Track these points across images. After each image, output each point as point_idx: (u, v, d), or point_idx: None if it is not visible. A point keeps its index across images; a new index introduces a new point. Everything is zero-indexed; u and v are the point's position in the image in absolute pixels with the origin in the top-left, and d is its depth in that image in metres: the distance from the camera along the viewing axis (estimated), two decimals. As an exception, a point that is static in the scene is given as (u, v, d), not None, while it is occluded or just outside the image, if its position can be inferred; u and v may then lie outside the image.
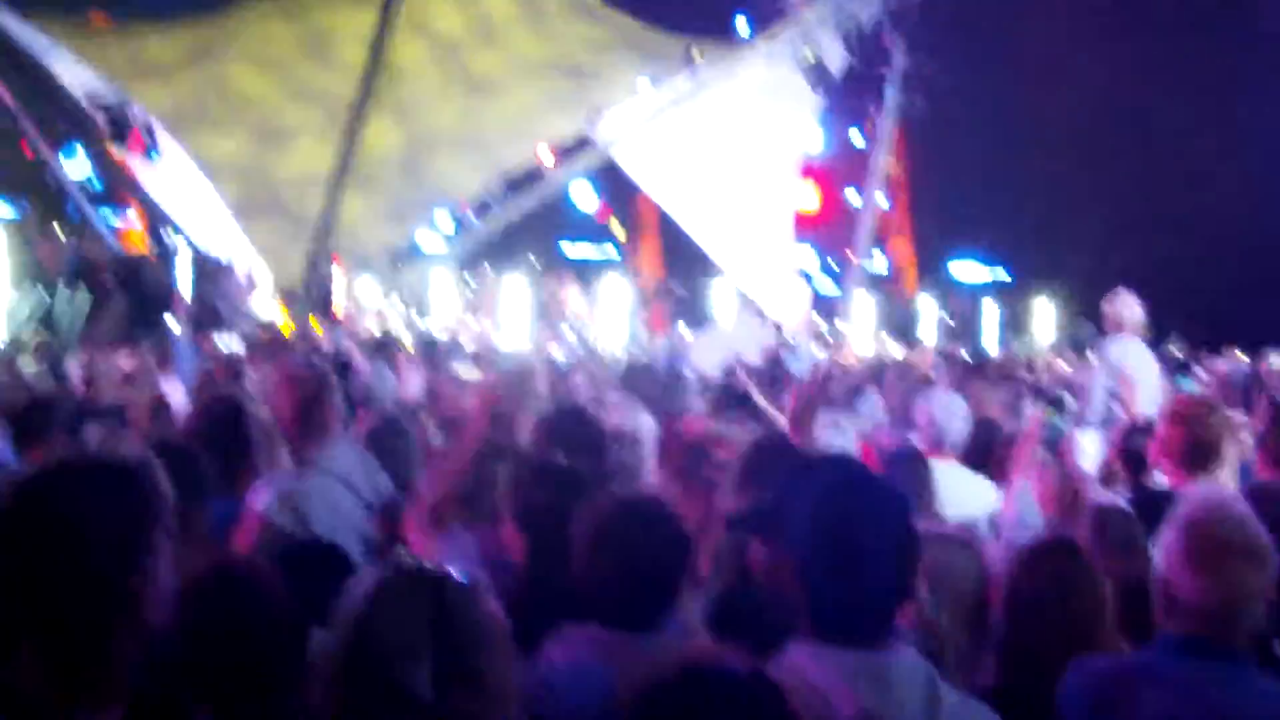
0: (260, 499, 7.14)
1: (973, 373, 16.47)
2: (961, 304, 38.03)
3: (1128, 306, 13.88)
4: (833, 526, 4.15)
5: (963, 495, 8.91)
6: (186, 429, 7.71)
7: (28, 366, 16.45)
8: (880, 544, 4.16)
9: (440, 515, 7.03)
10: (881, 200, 35.85)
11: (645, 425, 8.86)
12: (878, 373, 17.62)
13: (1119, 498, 8.17)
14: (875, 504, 4.24)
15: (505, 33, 33.22)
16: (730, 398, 11.48)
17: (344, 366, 13.93)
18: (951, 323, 36.55)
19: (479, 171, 30.46)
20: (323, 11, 33.35)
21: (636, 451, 8.58)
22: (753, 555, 5.26)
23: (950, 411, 9.75)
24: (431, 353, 16.63)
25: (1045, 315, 35.67)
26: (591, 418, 8.19)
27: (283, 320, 27.33)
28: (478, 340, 22.54)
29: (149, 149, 29.32)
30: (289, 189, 29.88)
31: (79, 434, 10.69)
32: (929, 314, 34.33)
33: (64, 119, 30.61)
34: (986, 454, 9.82)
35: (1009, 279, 49.11)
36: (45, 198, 36.38)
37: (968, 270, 49.76)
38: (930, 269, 44.62)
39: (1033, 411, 11.57)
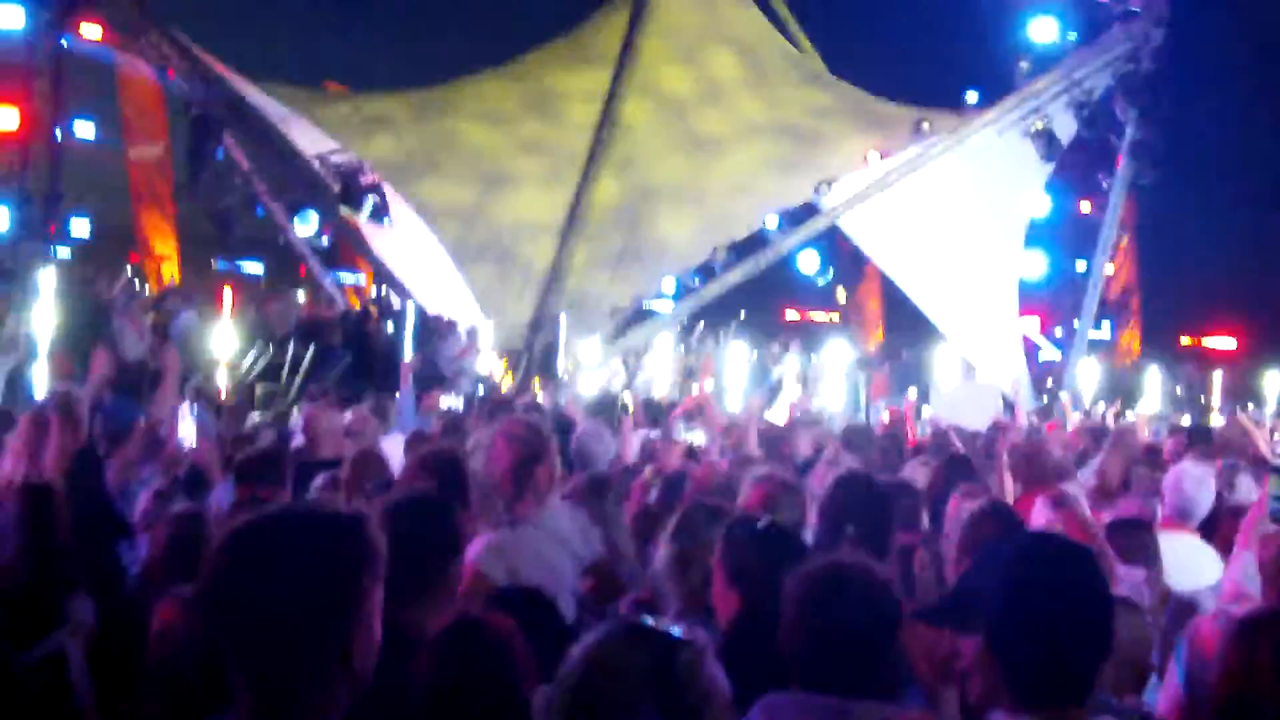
0: (473, 550, 7.19)
1: (1196, 442, 16.13)
2: (1189, 373, 37.38)
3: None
4: (1028, 596, 4.16)
5: (1198, 568, 8.79)
6: (404, 481, 7.81)
7: (256, 417, 16.80)
8: (1079, 612, 4.15)
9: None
10: (1109, 268, 35.43)
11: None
12: (1099, 440, 17.36)
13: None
14: (1073, 571, 4.23)
15: (732, 95, 33.48)
16: (954, 465, 11.33)
17: (566, 426, 14.03)
18: (1180, 392, 35.95)
19: (700, 228, 30.65)
20: (550, 73, 33.90)
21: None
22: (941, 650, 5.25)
23: (1200, 484, 9.57)
24: (654, 413, 16.68)
25: (1276, 386, 34.93)
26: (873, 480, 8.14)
27: (504, 378, 27.62)
28: (698, 403, 22.56)
29: (380, 212, 29.84)
30: (508, 233, 30.37)
31: (302, 486, 10.95)
32: (1154, 383, 33.76)
33: (298, 182, 31.25)
34: (1213, 526, 9.65)
35: (1238, 348, 48.35)
36: (278, 257, 37.26)
37: (1196, 340, 49.06)
38: (1157, 338, 44.04)
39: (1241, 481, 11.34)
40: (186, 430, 11.37)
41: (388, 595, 3.50)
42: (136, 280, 31.24)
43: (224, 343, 25.05)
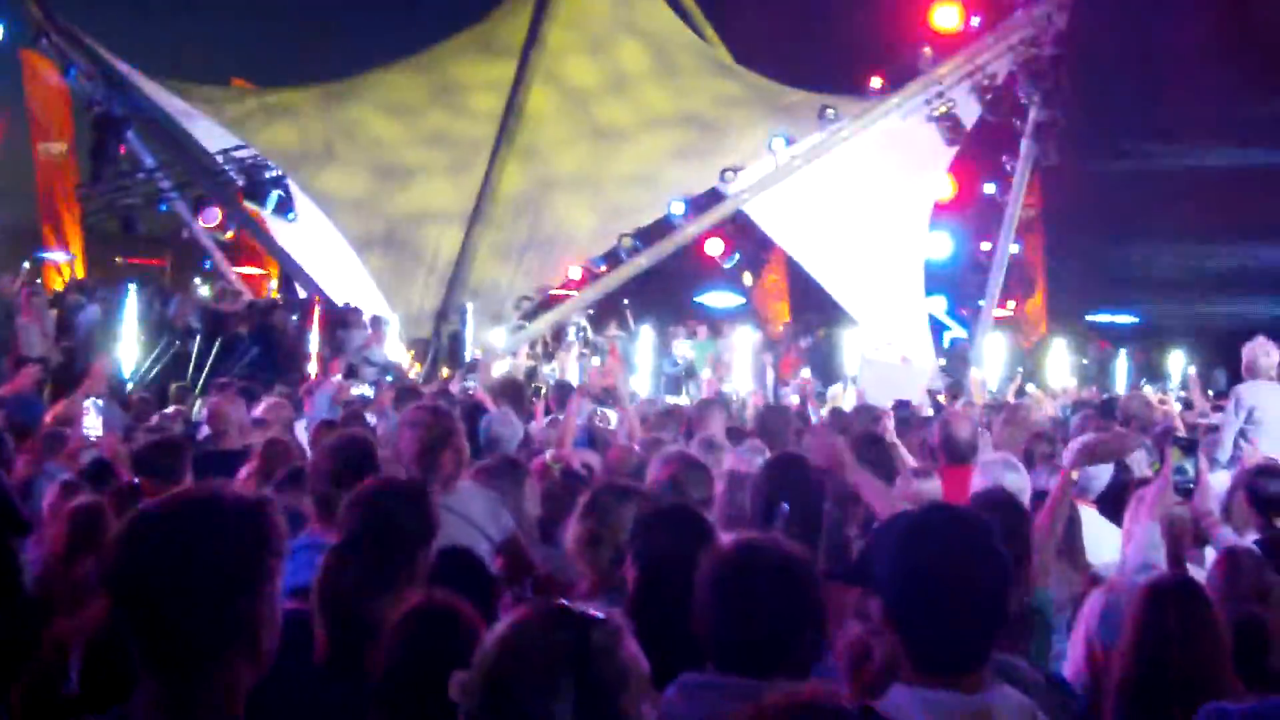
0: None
1: (1104, 417, 16.24)
2: (1094, 350, 37.72)
3: (1265, 351, 13.77)
4: (919, 568, 4.18)
5: (1101, 542, 8.85)
6: (314, 468, 7.79)
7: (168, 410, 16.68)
8: (970, 581, 4.18)
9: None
10: (1013, 247, 35.68)
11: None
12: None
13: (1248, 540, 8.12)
14: (962, 542, 4.26)
15: (637, 86, 33.52)
16: (868, 440, 11.38)
17: (474, 411, 14.03)
18: (1085, 367, 36.28)
19: (602, 217, 30.70)
20: (457, 65, 33.86)
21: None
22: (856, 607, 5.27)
23: (1097, 460, 9.64)
24: (564, 395, 16.66)
25: (1178, 362, 35.30)
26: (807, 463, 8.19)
27: (411, 368, 27.59)
28: (605, 384, 22.56)
29: (285, 206, 29.79)
30: (406, 223, 30.35)
31: (208, 477, 10.87)
32: (1061, 360, 34.05)
33: (201, 177, 31.17)
34: (1119, 499, 9.71)
35: (1141, 324, 48.85)
36: (181, 252, 37.11)
37: (1101, 316, 49.47)
38: (1063, 315, 44.37)
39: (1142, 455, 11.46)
40: (92, 424, 11.27)
41: (360, 581, 3.51)
42: (39, 277, 31.05)
43: (128, 337, 24.96)
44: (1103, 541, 8.90)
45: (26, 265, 32.13)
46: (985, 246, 34.91)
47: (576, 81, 33.70)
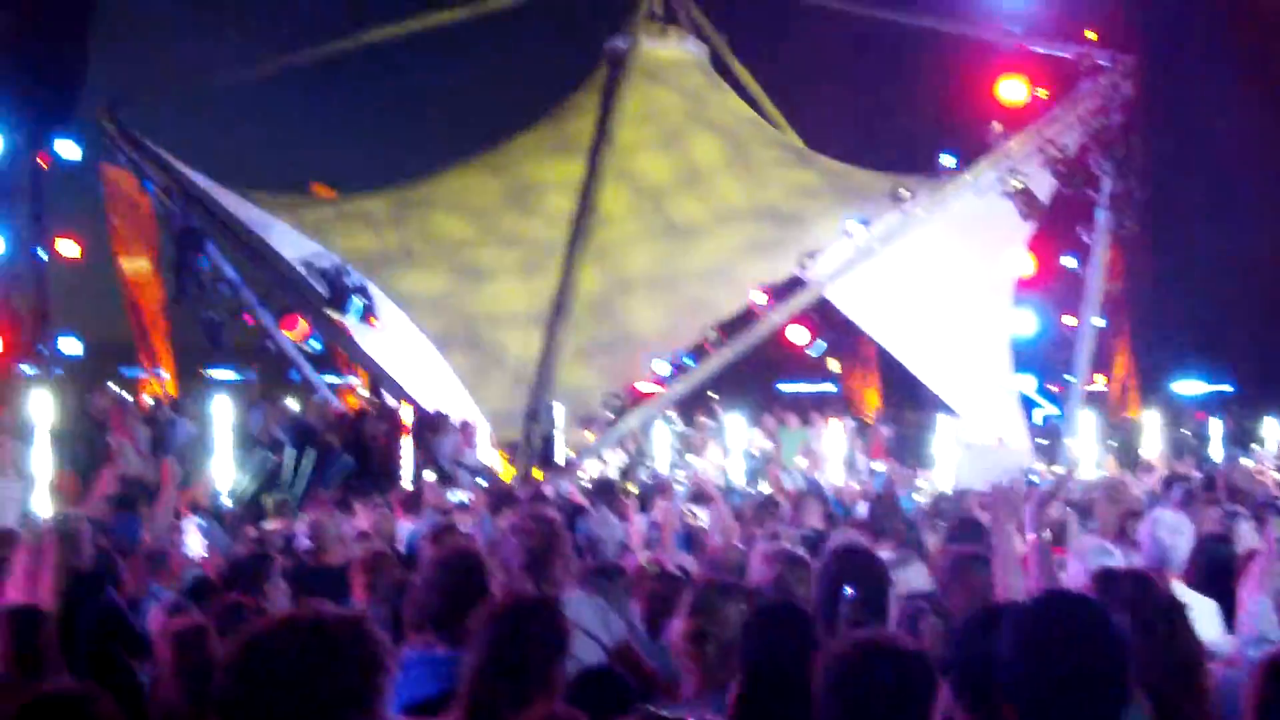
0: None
1: (1202, 490, 16.12)
2: (1185, 420, 37.37)
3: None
4: (1037, 653, 4.18)
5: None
6: (424, 582, 7.80)
7: (267, 525, 16.78)
8: (1094, 668, 4.16)
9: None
10: (1098, 321, 35.45)
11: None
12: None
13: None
14: (1084, 627, 4.25)
15: (710, 179, 33.62)
16: (962, 527, 11.30)
17: (574, 513, 14.04)
18: (1179, 438, 35.91)
19: (675, 314, 30.83)
20: (529, 164, 34.09)
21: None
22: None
23: (1176, 531, 9.54)
24: (648, 495, 16.70)
25: (1273, 430, 34.89)
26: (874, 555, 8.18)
27: (504, 470, 27.63)
28: (698, 481, 22.51)
29: (368, 313, 29.95)
30: (482, 322, 30.57)
31: (309, 594, 10.94)
32: (1152, 432, 33.73)
33: (283, 288, 31.39)
34: (1216, 572, 9.61)
35: (1234, 391, 48.38)
36: (268, 363, 37.28)
37: (1191, 386, 49.11)
38: (1152, 387, 44.09)
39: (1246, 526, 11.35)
40: (193, 543, 11.35)
41: (498, 697, 3.55)
42: (130, 394, 31.28)
43: (220, 452, 25.07)
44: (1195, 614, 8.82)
45: (112, 384, 32.36)
46: (1070, 321, 34.77)
47: (650, 178, 33.84)
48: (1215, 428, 34.71)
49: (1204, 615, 8.81)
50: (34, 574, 9.06)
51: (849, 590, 6.96)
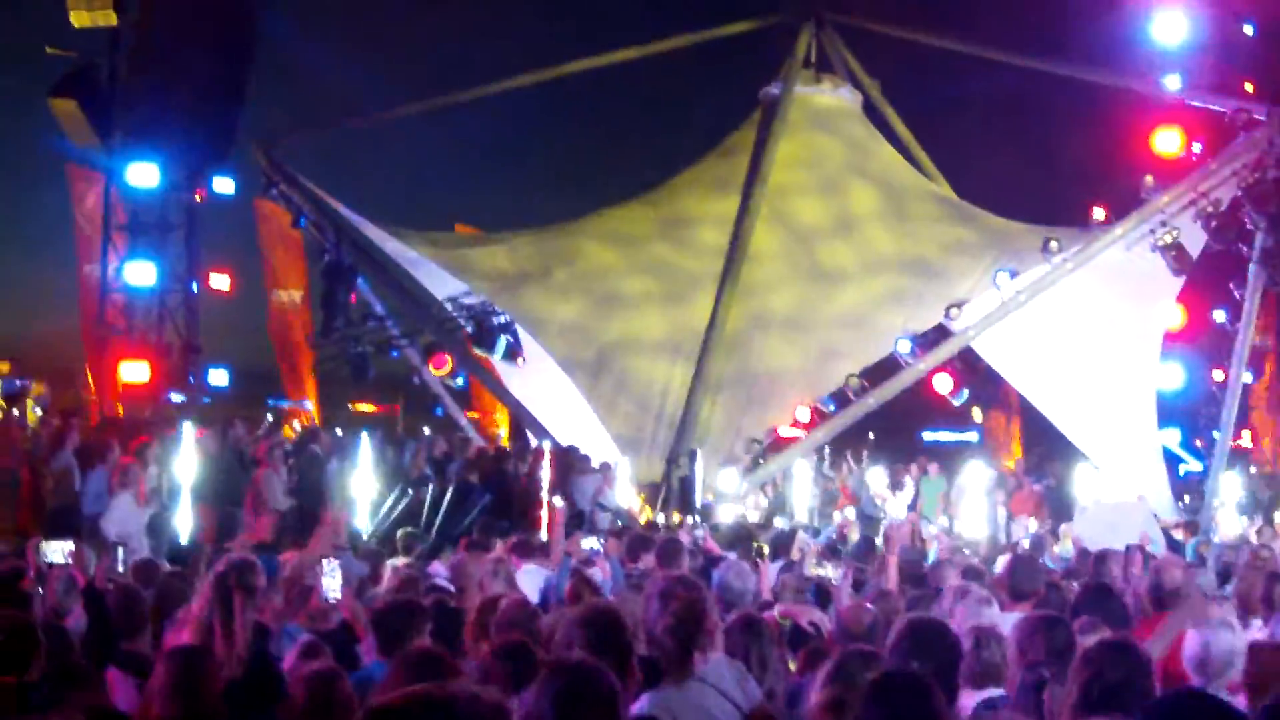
0: (639, 706, 7.20)
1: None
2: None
3: None
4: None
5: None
6: (566, 640, 7.81)
7: (397, 560, 16.88)
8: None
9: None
10: (1247, 376, 35.02)
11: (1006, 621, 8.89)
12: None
13: None
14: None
15: (863, 228, 33.58)
16: (1090, 593, 11.18)
17: (709, 562, 14.03)
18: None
19: (810, 358, 30.86)
20: (686, 199, 34.23)
21: (999, 650, 8.53)
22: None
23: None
24: (780, 546, 16.64)
25: None
26: (943, 626, 8.13)
27: (643, 512, 27.66)
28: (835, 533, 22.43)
29: (513, 352, 30.15)
30: (614, 349, 30.70)
31: (449, 636, 11.01)
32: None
33: (430, 325, 31.70)
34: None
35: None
36: (413, 397, 37.65)
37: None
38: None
39: None
40: (330, 584, 11.44)
41: None
42: (277, 426, 31.66)
43: (363, 486, 25.27)
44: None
45: (268, 416, 32.77)
46: (1218, 376, 34.39)
47: (804, 221, 33.90)
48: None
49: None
50: (214, 621, 9.18)
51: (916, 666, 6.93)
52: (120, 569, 12.65)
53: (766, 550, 16.24)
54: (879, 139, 37.24)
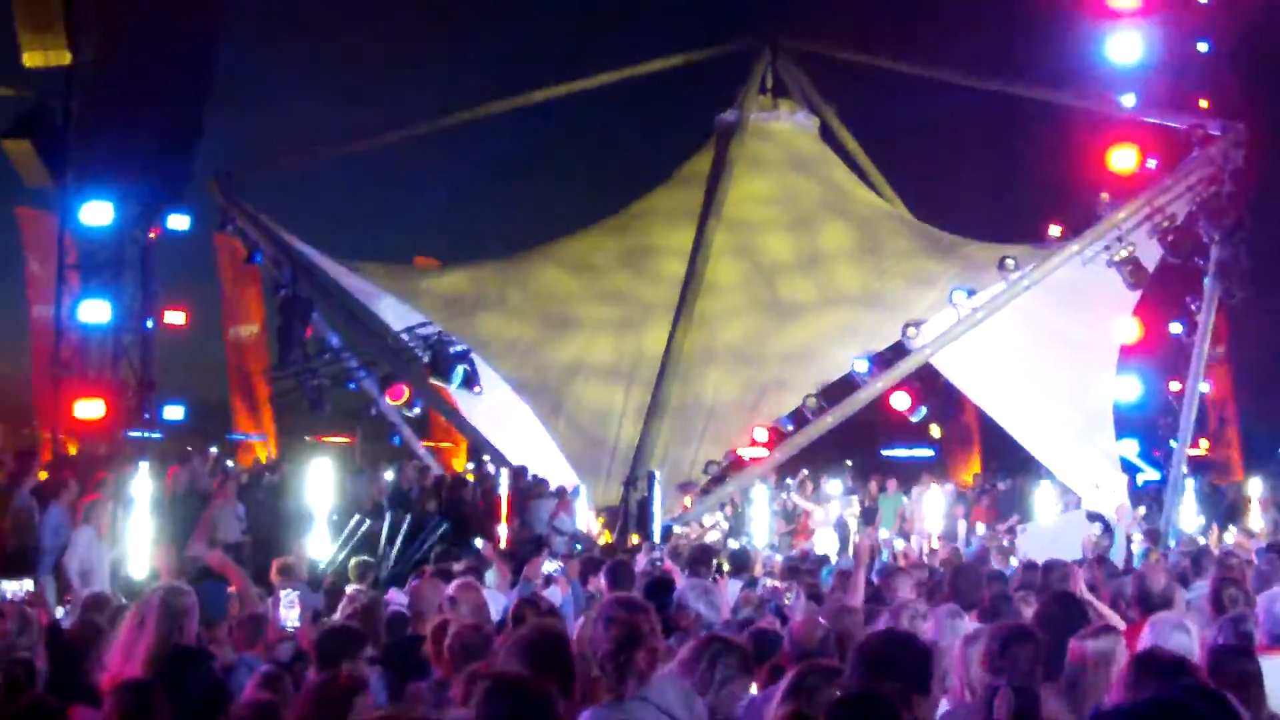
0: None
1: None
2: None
3: None
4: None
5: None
6: (508, 661, 7.81)
7: (352, 589, 16.84)
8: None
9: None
10: (1204, 386, 35.20)
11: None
12: (1198, 564, 17.25)
13: None
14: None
15: (830, 264, 33.61)
16: (1059, 602, 11.18)
17: (666, 584, 14.00)
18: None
19: (749, 389, 30.98)
20: (652, 230, 34.28)
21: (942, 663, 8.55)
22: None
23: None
24: (739, 566, 16.66)
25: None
26: (910, 638, 8.12)
27: (601, 535, 27.68)
28: (797, 554, 22.46)
29: (470, 380, 30.15)
30: (559, 372, 30.85)
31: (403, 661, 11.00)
32: (1257, 497, 33.34)
33: (386, 356, 31.73)
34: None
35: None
36: (370, 428, 37.63)
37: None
38: (1258, 453, 43.58)
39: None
40: (288, 614, 11.43)
41: None
42: (231, 459, 31.62)
43: (319, 518, 25.23)
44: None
45: (214, 449, 32.71)
46: (1175, 387, 34.53)
47: (770, 256, 34.01)
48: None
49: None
50: (132, 644, 9.19)
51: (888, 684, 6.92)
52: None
53: (727, 567, 16.27)
54: (831, 160, 37.32)
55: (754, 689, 9.01)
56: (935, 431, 41.07)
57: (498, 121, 38.01)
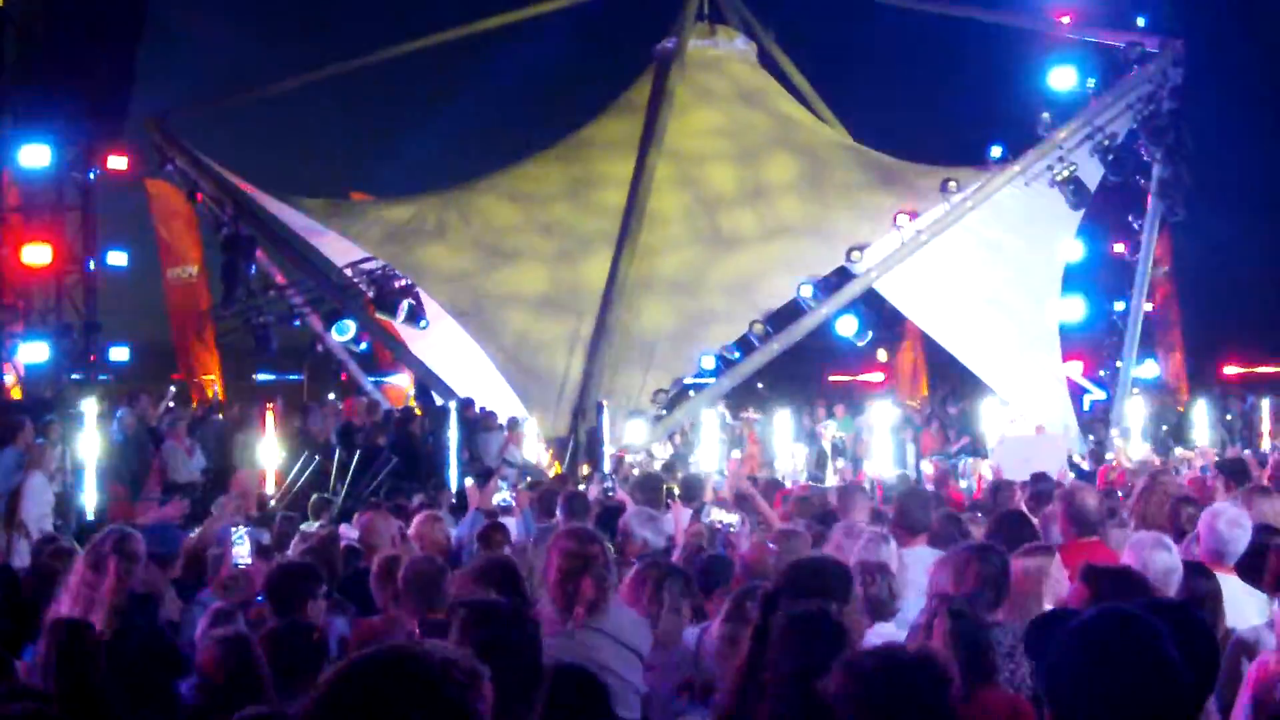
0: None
1: (1229, 475, 15.85)
2: (1236, 404, 37.03)
3: None
4: (1088, 676, 4.15)
5: (1241, 607, 8.73)
6: (459, 590, 7.84)
7: (308, 526, 16.83)
8: (1141, 686, 4.13)
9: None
10: (1147, 305, 35.37)
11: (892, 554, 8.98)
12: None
13: None
14: (1130, 647, 4.21)
15: (774, 197, 33.50)
16: (1006, 521, 11.18)
17: (615, 511, 14.03)
18: (1230, 421, 35.66)
19: (683, 320, 31.03)
20: (598, 158, 34.17)
21: (888, 585, 8.60)
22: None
23: (1236, 524, 9.46)
24: (692, 492, 16.65)
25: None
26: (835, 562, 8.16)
27: (551, 466, 27.67)
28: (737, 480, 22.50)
29: (416, 315, 30.08)
30: (492, 302, 30.70)
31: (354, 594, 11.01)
32: (1203, 417, 33.52)
33: (331, 291, 31.61)
34: (1261, 562, 9.52)
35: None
36: (317, 365, 37.49)
37: (1241, 370, 48.87)
38: (1202, 370, 43.87)
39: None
40: (241, 551, 11.39)
41: None
42: (179, 400, 31.49)
43: (269, 455, 25.20)
44: (1245, 607, 8.80)
45: (171, 389, 32.56)
46: (1119, 307, 34.69)
47: (713, 188, 33.80)
48: (1266, 409, 34.38)
49: (1255, 608, 8.83)
50: (92, 591, 9.13)
51: None
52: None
53: (678, 492, 16.25)
54: (793, 102, 37.23)
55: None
56: (882, 356, 41.12)
57: (433, 56, 37.84)
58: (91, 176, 29.94)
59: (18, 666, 8.48)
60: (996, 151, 33.16)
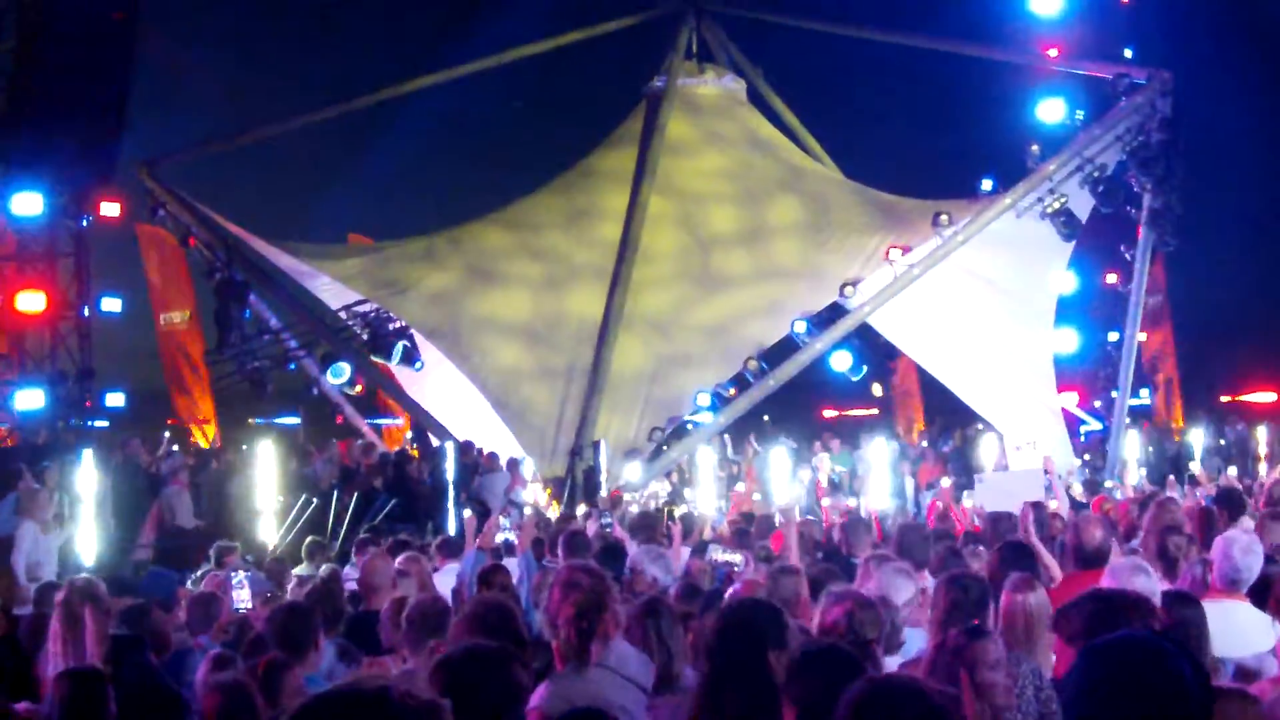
0: (537, 697, 7.17)
1: (1225, 506, 15.82)
2: (1233, 432, 37.03)
3: None
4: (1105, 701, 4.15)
5: (1252, 634, 8.74)
6: (455, 635, 7.83)
7: (302, 570, 16.82)
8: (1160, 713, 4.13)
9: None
10: (1141, 335, 35.42)
11: (903, 589, 8.96)
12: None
13: None
14: (1147, 673, 4.21)
15: (773, 239, 33.52)
16: (1010, 552, 11.17)
17: (616, 551, 14.05)
18: (1223, 445, 35.68)
19: (658, 361, 31.09)
20: (596, 193, 34.18)
21: (892, 617, 8.59)
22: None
23: (1249, 551, 9.47)
24: (688, 528, 16.66)
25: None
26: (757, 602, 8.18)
27: (548, 505, 27.65)
28: (741, 515, 22.44)
29: (410, 356, 30.09)
30: (471, 325, 30.83)
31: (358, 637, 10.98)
32: (1200, 446, 33.53)
33: (326, 335, 31.62)
34: (1265, 589, 9.52)
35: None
36: (313, 408, 37.46)
37: (1236, 397, 48.90)
38: (1197, 399, 43.83)
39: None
40: (240, 596, 11.39)
41: None
42: (176, 445, 31.48)
43: (266, 500, 25.16)
44: (1256, 633, 8.80)
45: (167, 434, 32.55)
46: (1113, 337, 34.72)
47: (712, 228, 33.92)
48: (1262, 438, 34.39)
49: (1264, 634, 8.83)
50: (76, 645, 9.12)
51: None
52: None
53: (678, 520, 16.29)
54: (760, 121, 37.34)
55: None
56: (877, 390, 41.12)
57: (423, 99, 37.92)
58: (84, 223, 29.92)
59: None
60: (987, 184, 33.21)
